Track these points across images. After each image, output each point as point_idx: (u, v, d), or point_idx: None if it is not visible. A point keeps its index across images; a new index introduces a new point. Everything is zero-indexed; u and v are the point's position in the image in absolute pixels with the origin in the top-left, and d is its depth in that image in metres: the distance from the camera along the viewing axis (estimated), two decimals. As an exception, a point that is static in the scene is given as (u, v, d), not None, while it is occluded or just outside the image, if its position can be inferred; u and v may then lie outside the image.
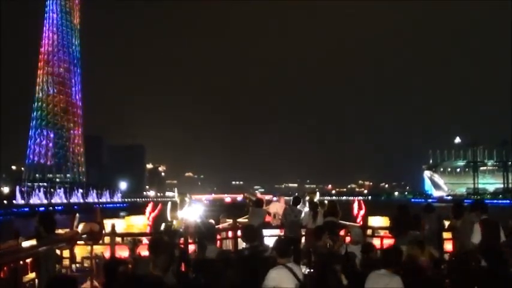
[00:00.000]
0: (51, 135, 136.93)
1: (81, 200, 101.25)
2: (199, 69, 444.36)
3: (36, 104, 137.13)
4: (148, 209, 8.02)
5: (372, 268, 4.37)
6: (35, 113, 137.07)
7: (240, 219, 8.30)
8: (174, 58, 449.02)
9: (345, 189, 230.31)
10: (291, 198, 8.28)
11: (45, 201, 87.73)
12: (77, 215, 6.61)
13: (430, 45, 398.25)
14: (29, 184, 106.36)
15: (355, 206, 8.28)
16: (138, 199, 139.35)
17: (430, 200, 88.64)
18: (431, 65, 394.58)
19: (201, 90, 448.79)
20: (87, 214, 8.81)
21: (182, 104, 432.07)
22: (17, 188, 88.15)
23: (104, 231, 6.77)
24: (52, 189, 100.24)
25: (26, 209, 68.51)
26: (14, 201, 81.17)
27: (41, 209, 71.24)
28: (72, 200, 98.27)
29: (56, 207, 70.50)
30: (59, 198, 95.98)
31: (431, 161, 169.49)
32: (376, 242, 7.25)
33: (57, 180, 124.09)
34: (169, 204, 7.64)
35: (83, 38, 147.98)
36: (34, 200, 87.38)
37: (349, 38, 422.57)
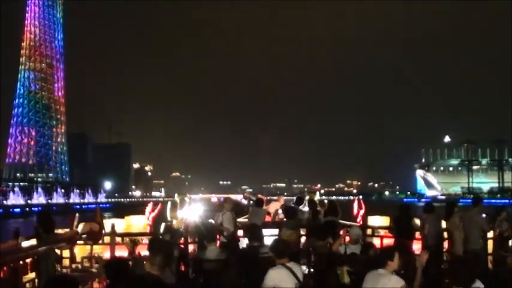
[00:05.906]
0: (33, 133, 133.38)
1: (62, 201, 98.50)
2: (188, 69, 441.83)
3: (17, 100, 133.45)
4: (148, 208, 7.98)
5: (371, 268, 4.42)
6: (16, 110, 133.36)
7: (240, 219, 8.34)
8: (163, 56, 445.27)
9: (333, 189, 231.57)
10: (292, 198, 8.38)
11: (21, 202, 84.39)
12: (77, 214, 6.54)
13: (428, 44, 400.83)
14: (9, 184, 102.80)
15: (355, 205, 8.42)
16: (122, 199, 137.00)
17: (424, 200, 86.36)
18: (429, 64, 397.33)
19: (190, 90, 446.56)
20: (66, 215, 8.47)
21: (170, 104, 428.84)
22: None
23: (103, 231, 6.72)
24: (31, 189, 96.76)
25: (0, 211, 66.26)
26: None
27: (16, 210, 69.32)
28: (52, 201, 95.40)
29: (33, 208, 68.24)
30: (38, 198, 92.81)
31: (423, 160, 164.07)
32: (376, 241, 7.38)
33: (39, 179, 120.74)
34: (169, 204, 7.64)
35: (67, 33, 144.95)
36: (10, 201, 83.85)
37: (340, 37, 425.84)
